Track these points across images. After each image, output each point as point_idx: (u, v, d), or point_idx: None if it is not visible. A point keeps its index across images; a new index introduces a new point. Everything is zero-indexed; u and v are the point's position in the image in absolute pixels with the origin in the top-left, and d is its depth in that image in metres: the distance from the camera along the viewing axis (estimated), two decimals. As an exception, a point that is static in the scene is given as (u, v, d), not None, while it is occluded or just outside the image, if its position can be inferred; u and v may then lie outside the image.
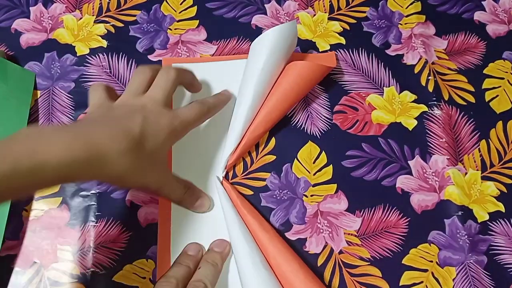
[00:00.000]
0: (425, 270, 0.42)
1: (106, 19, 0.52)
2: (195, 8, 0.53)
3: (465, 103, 0.49)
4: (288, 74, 0.45)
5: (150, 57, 0.50)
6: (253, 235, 0.41)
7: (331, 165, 0.46)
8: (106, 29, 0.51)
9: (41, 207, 0.43)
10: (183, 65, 0.48)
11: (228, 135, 0.45)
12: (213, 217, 0.43)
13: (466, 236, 0.43)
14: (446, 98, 0.49)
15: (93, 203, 0.44)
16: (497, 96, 0.50)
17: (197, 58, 0.50)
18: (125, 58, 0.50)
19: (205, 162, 0.45)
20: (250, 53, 0.46)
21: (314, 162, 0.46)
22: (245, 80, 0.45)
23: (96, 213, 0.43)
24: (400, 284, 0.42)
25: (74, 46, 0.50)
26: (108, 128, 0.33)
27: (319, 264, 0.42)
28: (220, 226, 0.42)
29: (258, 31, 0.52)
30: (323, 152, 0.47)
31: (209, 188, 0.44)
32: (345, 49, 0.52)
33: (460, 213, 0.44)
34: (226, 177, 0.45)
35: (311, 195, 0.45)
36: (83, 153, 0.30)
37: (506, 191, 0.46)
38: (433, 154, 0.47)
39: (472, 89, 0.50)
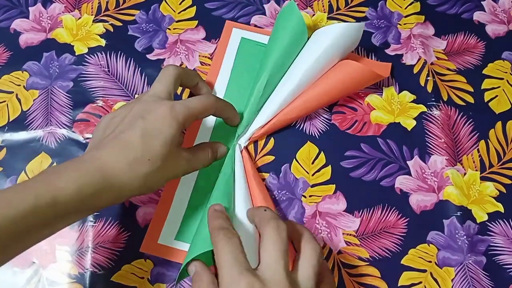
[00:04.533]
0: (424, 271, 0.42)
1: (105, 18, 0.52)
2: (194, 9, 0.53)
3: (464, 104, 0.49)
4: (338, 70, 0.46)
5: (149, 56, 0.50)
6: (251, 195, 0.42)
7: (330, 165, 0.46)
8: (105, 28, 0.51)
9: (40, 207, 0.43)
10: (245, 32, 0.51)
11: (262, 108, 0.46)
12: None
13: (465, 237, 0.43)
14: (445, 98, 0.49)
15: (92, 203, 0.43)
16: (496, 96, 0.50)
17: (258, 29, 0.52)
18: (124, 57, 0.50)
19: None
20: (310, 40, 0.47)
21: (313, 163, 0.46)
22: (297, 64, 0.46)
23: (95, 213, 0.43)
24: (399, 285, 0.42)
25: (73, 46, 0.50)
26: (111, 147, 0.33)
27: (317, 265, 0.42)
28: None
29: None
30: (322, 152, 0.46)
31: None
32: (344, 49, 0.52)
33: (459, 214, 0.44)
34: (246, 147, 0.46)
35: (310, 196, 0.45)
36: (95, 179, 0.31)
37: (505, 192, 0.46)
38: (432, 154, 0.47)
39: (471, 90, 0.50)
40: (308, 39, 0.47)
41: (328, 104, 0.48)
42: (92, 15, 0.52)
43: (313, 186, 0.45)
